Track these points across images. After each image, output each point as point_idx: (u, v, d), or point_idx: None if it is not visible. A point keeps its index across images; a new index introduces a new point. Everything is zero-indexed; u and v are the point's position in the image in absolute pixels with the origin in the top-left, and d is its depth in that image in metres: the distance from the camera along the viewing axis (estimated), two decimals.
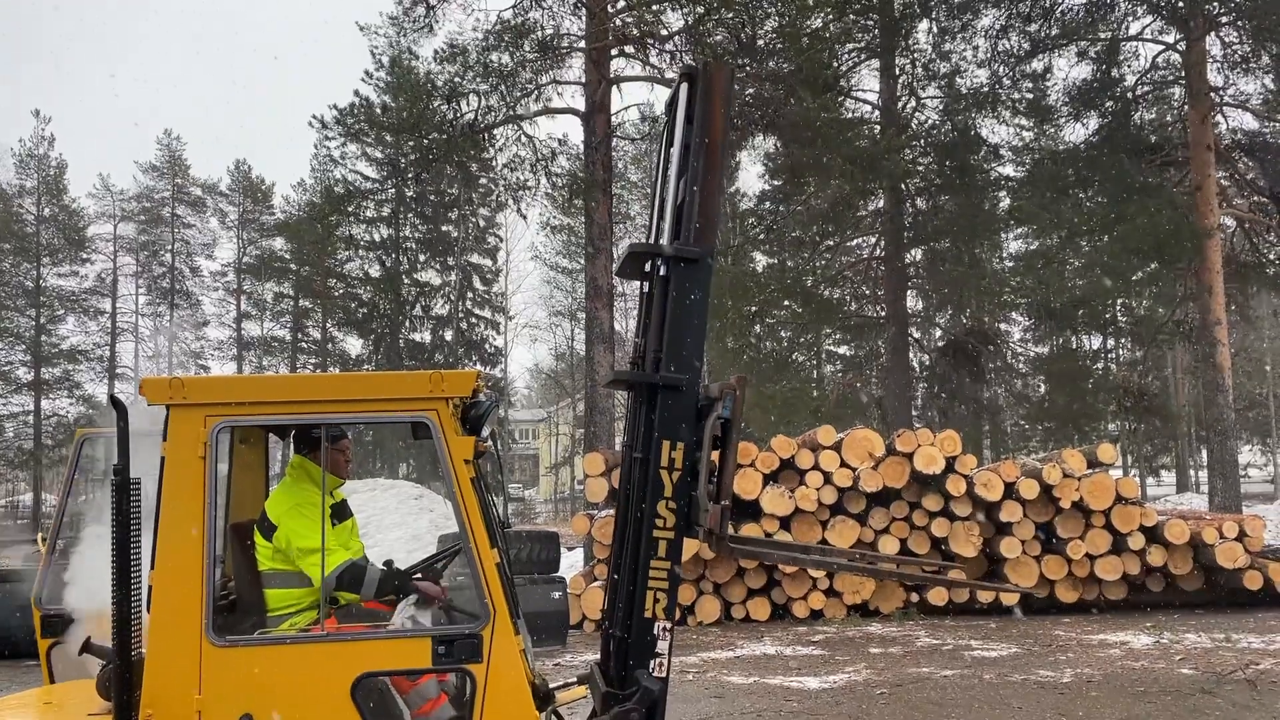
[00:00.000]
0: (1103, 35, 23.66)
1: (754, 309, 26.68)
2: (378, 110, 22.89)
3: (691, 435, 3.73)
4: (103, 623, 3.69)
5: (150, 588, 3.47)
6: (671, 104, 4.00)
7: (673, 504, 3.71)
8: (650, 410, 3.77)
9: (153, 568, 3.48)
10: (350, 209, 34.74)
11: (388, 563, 4.57)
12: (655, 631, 3.69)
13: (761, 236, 29.20)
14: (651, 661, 3.69)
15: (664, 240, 3.93)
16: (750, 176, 62.06)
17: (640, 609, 3.69)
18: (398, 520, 18.48)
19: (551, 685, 4.11)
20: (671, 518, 3.71)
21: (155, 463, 3.53)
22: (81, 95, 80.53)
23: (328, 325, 45.84)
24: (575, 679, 4.20)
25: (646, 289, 3.99)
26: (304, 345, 46.72)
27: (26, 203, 44.23)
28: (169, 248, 46.59)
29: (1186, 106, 22.60)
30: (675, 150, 3.94)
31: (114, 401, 3.53)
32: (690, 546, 12.38)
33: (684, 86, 3.91)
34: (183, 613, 3.43)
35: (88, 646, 4.04)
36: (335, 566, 4.00)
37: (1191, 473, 41.75)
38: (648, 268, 3.98)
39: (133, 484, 3.45)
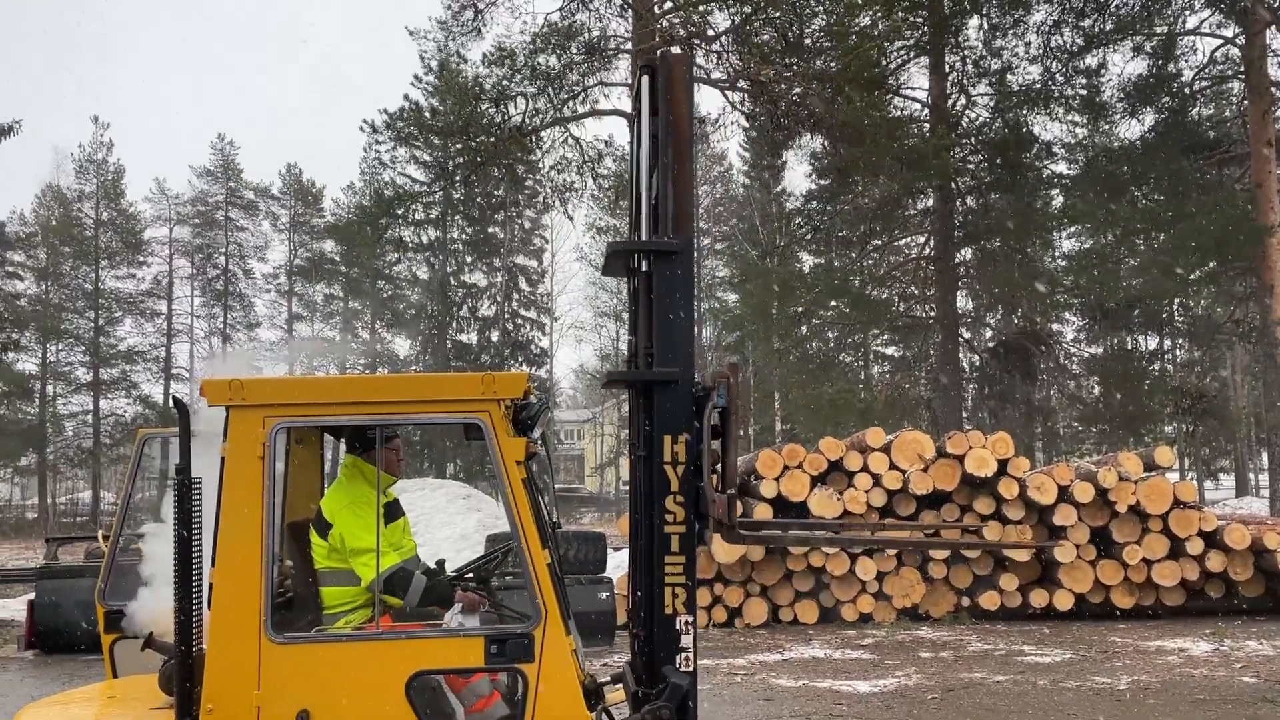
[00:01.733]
0: (1159, 30, 23.21)
1: (801, 309, 26.55)
2: (426, 114, 23.15)
3: (691, 427, 3.73)
4: (164, 619, 3.77)
5: (211, 585, 3.53)
6: (636, 99, 4.00)
7: (680, 498, 3.71)
8: (648, 407, 3.78)
9: (213, 565, 3.55)
10: (399, 212, 35.19)
11: (439, 563, 4.61)
12: (678, 627, 3.69)
13: (808, 236, 29.02)
14: (677, 657, 3.69)
15: (642, 235, 3.94)
16: (797, 176, 61.75)
17: (660, 606, 3.70)
18: (446, 519, 18.64)
19: (600, 683, 4.11)
20: (681, 512, 3.71)
21: (215, 462, 3.60)
22: (138, 100, 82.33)
23: (377, 326, 46.40)
24: (609, 679, 4.21)
25: (634, 287, 3.98)
26: (353, 346, 47.34)
27: (85, 207, 45.34)
28: (223, 250, 47.45)
29: (1246, 102, 22.08)
30: (644, 145, 3.94)
31: (176, 403, 3.60)
32: (736, 549, 12.40)
33: (645, 79, 3.91)
34: (242, 610, 3.48)
35: (150, 642, 4.12)
36: (385, 568, 4.03)
37: (1251, 476, 40.75)
38: (632, 265, 3.99)
39: (194, 483, 3.52)
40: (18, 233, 44.11)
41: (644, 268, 3.86)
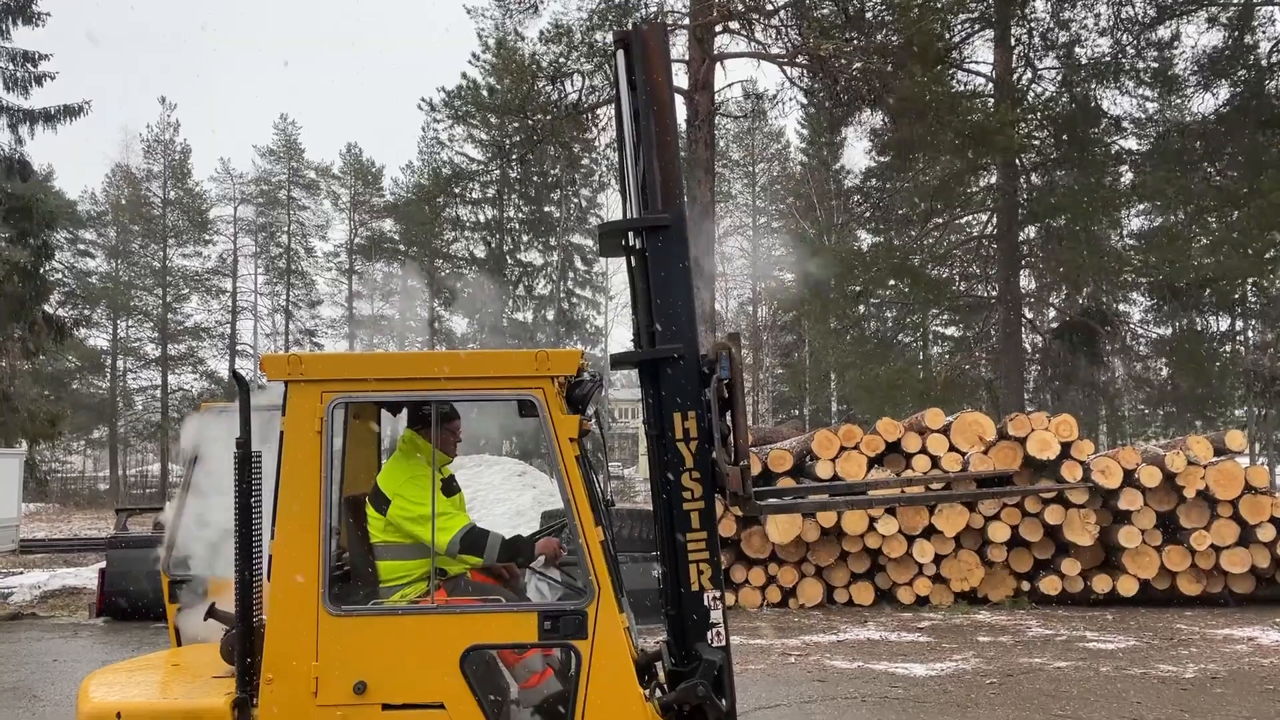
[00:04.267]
0: (1235, 0, 22.39)
1: (859, 288, 26.22)
2: (484, 92, 23.24)
3: (700, 402, 3.70)
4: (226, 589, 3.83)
5: (270, 557, 3.58)
6: (615, 74, 3.95)
7: (696, 474, 3.70)
8: (656, 385, 3.76)
9: (273, 538, 3.59)
10: (456, 191, 35.49)
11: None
12: (706, 603, 3.69)
13: (867, 214, 28.64)
14: (708, 633, 3.69)
15: (633, 213, 3.90)
16: (856, 153, 60.93)
17: (686, 584, 3.68)
18: (501, 496, 18.80)
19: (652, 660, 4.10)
20: (698, 488, 3.70)
21: (275, 436, 3.64)
22: (203, 81, 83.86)
23: (434, 304, 46.90)
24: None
25: (631, 266, 3.95)
26: (411, 324, 47.92)
27: (154, 186, 46.41)
28: (285, 229, 48.27)
29: None
30: (626, 120, 3.90)
31: (236, 377, 3.64)
32: (790, 530, 12.32)
33: (620, 54, 3.86)
34: (301, 582, 3.53)
35: (212, 612, 4.20)
36: (458, 530, 4.05)
37: None
38: (626, 243, 3.95)
39: (254, 457, 3.56)
40: (89, 211, 45.36)
41: (638, 245, 3.83)
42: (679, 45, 19.45)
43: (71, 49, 63.99)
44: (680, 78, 19.35)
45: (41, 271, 22.82)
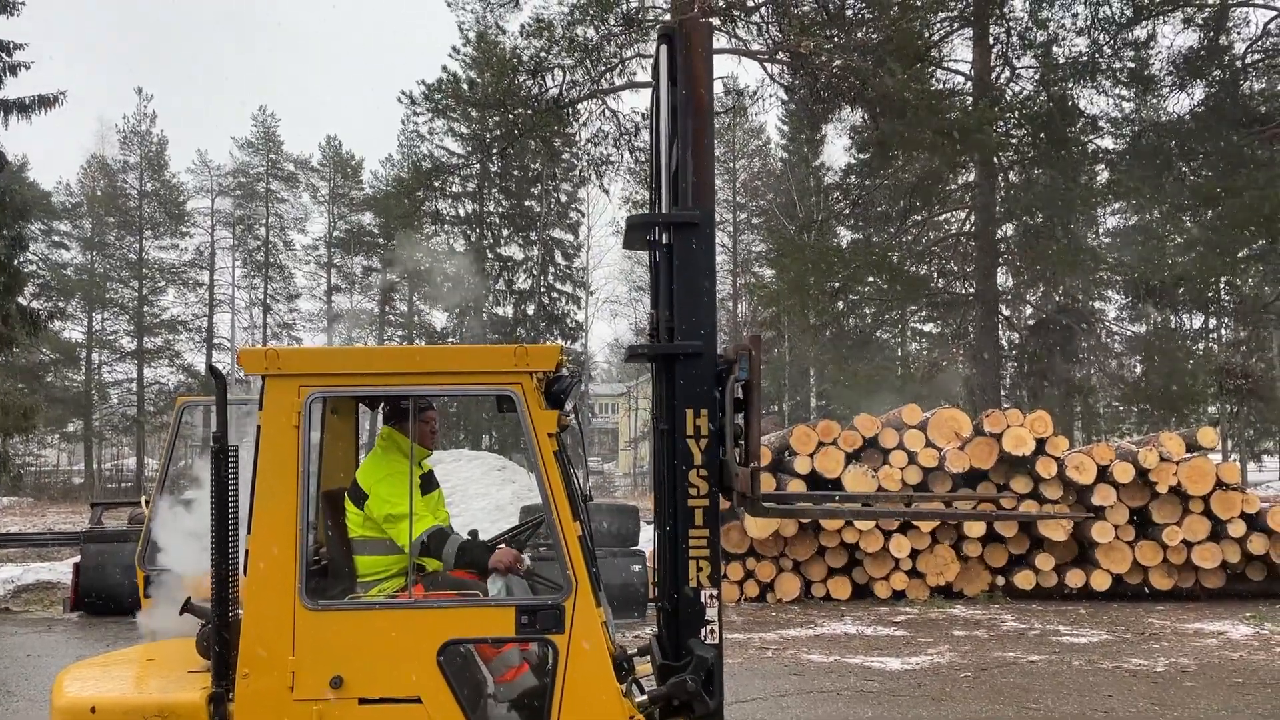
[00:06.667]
0: (1210, 1, 22.60)
1: (838, 285, 26.31)
2: (464, 86, 23.11)
3: (713, 400, 3.72)
4: (202, 584, 3.82)
5: (247, 552, 3.58)
6: (655, 68, 3.95)
7: (703, 471, 3.71)
8: (670, 380, 3.77)
9: (249, 533, 3.59)
10: (436, 184, 35.29)
11: (472, 533, 4.64)
12: (703, 600, 3.70)
13: (847, 211, 28.74)
14: (703, 630, 3.71)
15: (662, 208, 3.91)
16: (836, 150, 61.13)
17: (684, 579, 3.70)
18: (481, 490, 18.78)
19: (630, 655, 4.13)
20: (704, 485, 3.71)
21: (252, 431, 3.63)
22: (180, 72, 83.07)
23: (414, 299, 46.68)
24: (636, 651, 4.23)
25: (655, 260, 3.97)
26: (391, 318, 47.69)
27: (130, 178, 45.93)
28: (263, 222, 47.89)
29: None
30: (663, 115, 3.90)
31: (213, 371, 3.63)
32: (768, 525, 12.38)
33: (664, 48, 3.86)
34: (277, 577, 3.53)
35: (188, 607, 4.19)
36: (421, 532, 4.07)
37: None
38: (652, 238, 3.97)
39: (231, 451, 3.56)
40: (64, 203, 44.84)
41: (664, 240, 3.84)
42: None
43: (47, 38, 63.22)
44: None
45: (15, 263, 22.54)
